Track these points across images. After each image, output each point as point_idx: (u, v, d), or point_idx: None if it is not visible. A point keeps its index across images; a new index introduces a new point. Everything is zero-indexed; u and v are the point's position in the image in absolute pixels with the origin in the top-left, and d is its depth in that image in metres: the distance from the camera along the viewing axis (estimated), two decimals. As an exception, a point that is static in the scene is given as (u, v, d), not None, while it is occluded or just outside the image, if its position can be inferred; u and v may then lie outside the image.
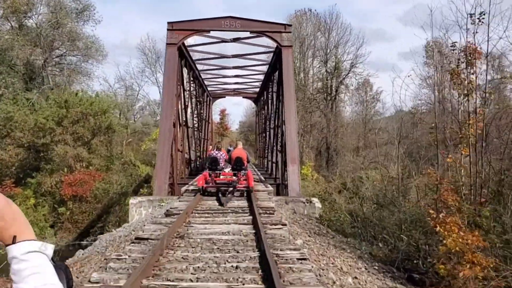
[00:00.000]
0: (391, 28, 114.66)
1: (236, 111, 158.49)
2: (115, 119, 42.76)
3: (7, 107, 36.95)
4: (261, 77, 34.95)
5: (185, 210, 12.14)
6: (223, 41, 24.95)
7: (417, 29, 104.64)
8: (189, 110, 27.46)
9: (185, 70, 26.33)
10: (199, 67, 30.28)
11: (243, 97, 44.97)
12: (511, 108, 16.20)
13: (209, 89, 41.57)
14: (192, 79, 28.77)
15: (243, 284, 6.22)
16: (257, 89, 39.89)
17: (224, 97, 44.68)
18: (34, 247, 1.34)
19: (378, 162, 56.41)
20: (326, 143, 55.38)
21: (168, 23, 19.84)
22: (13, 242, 1.32)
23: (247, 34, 21.25)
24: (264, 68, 31.03)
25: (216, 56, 30.05)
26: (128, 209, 17.12)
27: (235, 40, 24.45)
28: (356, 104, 68.55)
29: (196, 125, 32.06)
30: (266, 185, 18.13)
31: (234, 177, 15.89)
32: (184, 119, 24.66)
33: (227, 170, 16.78)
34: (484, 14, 10.53)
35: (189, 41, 24.09)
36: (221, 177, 16.25)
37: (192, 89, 29.95)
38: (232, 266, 7.09)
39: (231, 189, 15.19)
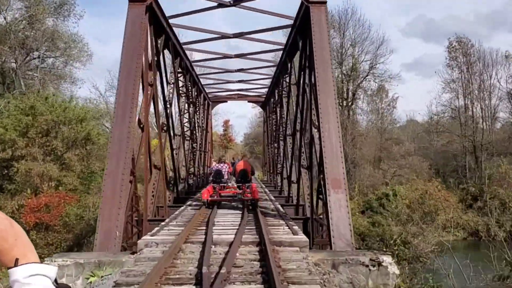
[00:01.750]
0: (394, 39, 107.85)
1: (240, 123, 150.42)
2: (95, 129, 34.93)
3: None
4: (268, 82, 27.96)
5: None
6: (224, 36, 18.95)
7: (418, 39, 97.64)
8: (173, 112, 19.60)
9: (167, 58, 18.60)
10: (197, 70, 23.26)
11: (249, 101, 37.27)
12: None
13: (207, 92, 33.84)
14: (180, 70, 20.98)
15: None
16: (265, 90, 32.14)
17: (226, 101, 37.08)
18: (37, 270, 1.31)
19: (403, 176, 48.69)
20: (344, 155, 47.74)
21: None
22: (16, 265, 1.30)
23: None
24: (271, 71, 24.56)
25: (217, 56, 22.90)
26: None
27: (238, 35, 20.45)
28: (372, 112, 61.02)
29: (188, 134, 24.21)
30: (291, 227, 10.22)
31: (238, 190, 15.17)
32: (164, 121, 16.79)
33: (231, 183, 16.19)
34: None
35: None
36: (226, 190, 15.57)
37: (181, 84, 22.17)
38: None
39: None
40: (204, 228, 10.52)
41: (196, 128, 27.29)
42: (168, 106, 17.45)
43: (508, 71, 57.11)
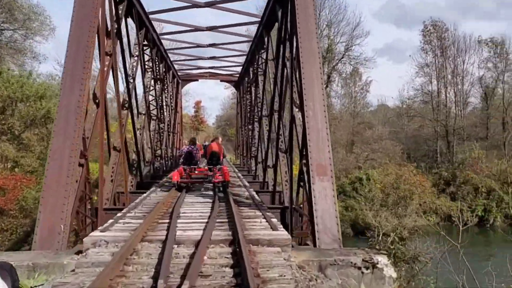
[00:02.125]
0: (367, 23, 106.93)
1: (212, 105, 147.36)
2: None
3: None
4: (242, 60, 26.24)
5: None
6: (195, 5, 18.83)
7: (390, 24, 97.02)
8: (138, 88, 17.73)
9: (132, 29, 16.72)
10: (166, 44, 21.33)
11: (221, 81, 35.41)
12: None
13: (177, 69, 31.87)
14: (146, 42, 19.05)
15: None
16: (239, 69, 30.40)
17: (197, 80, 35.12)
18: None
19: (375, 160, 47.96)
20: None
21: None
22: None
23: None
24: (246, 47, 22.94)
25: (187, 28, 21.10)
26: None
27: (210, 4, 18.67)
28: (345, 95, 60.03)
29: (155, 113, 22.36)
30: (270, 220, 8.72)
31: (209, 172, 15.03)
32: (126, 98, 14.95)
33: (202, 165, 16.06)
34: None
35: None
36: (196, 172, 15.32)
37: (147, 58, 20.27)
38: None
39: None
40: (167, 220, 8.92)
41: (164, 107, 25.42)
42: (131, 81, 15.60)
43: (480, 57, 57.01)
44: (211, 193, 13.75)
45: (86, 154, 10.12)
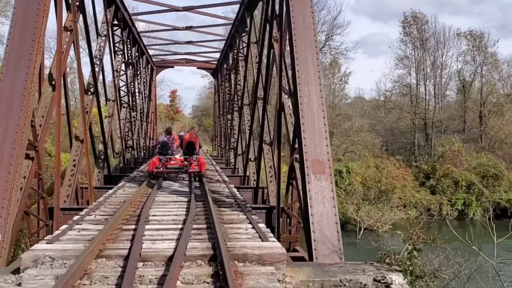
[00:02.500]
0: (344, 16, 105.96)
1: (188, 95, 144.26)
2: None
3: None
4: (221, 45, 24.59)
5: None
6: None
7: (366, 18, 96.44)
8: (107, 73, 15.93)
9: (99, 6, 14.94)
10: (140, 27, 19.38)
11: (198, 68, 33.64)
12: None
13: (151, 55, 29.98)
14: (116, 22, 17.22)
15: None
16: (217, 56, 28.72)
17: (173, 67, 33.31)
18: None
19: (355, 152, 46.96)
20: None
21: None
22: None
23: None
24: (226, 31, 21.28)
25: (163, 8, 19.41)
26: None
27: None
28: (324, 86, 58.81)
29: (126, 100, 20.57)
30: (257, 227, 7.25)
31: (185, 162, 14.76)
32: (91, 81, 13.18)
33: (178, 155, 15.61)
34: None
35: None
36: (172, 162, 15.07)
37: (117, 40, 18.46)
38: None
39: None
40: (133, 227, 7.36)
41: (137, 94, 23.62)
42: (97, 63, 13.85)
43: (459, 50, 56.60)
44: (186, 189, 12.21)
45: (36, 145, 8.43)
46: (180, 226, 7.42)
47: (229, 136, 22.84)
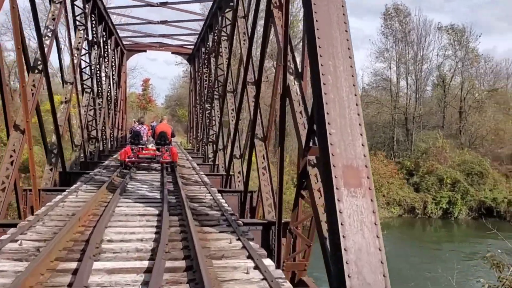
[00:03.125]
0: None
1: (162, 85, 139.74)
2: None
3: None
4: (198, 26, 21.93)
5: None
6: None
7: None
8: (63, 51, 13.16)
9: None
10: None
11: (173, 53, 30.72)
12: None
13: (121, 37, 27.03)
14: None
15: None
16: (194, 39, 25.97)
17: (145, 51, 30.38)
18: None
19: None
20: (275, 123, 42.78)
21: None
22: None
23: None
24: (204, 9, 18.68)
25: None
26: None
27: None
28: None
29: (88, 84, 17.71)
30: (260, 264, 4.82)
31: (157, 152, 14.60)
32: (39, 57, 10.37)
33: (150, 145, 15.40)
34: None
35: None
36: (144, 152, 14.93)
37: (78, 12, 15.59)
38: None
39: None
40: (75, 265, 4.79)
41: (103, 79, 20.74)
42: (49, 35, 11.04)
43: (439, 43, 55.31)
44: (157, 194, 9.62)
45: None
46: (146, 264, 4.89)
47: (207, 128, 20.23)
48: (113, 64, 24.69)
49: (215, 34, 18.74)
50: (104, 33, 20.88)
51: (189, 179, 12.36)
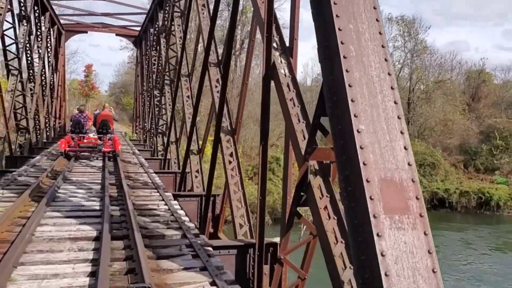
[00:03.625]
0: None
1: (105, 72, 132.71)
2: None
3: None
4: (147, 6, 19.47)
5: None
6: None
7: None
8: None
9: None
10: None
11: (117, 35, 27.90)
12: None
13: (58, 15, 24.01)
14: None
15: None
16: (141, 19, 23.42)
17: (86, 32, 27.39)
18: None
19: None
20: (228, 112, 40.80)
21: None
22: None
23: None
24: None
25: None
26: None
27: None
28: (258, 65, 54.99)
29: (16, 66, 15.00)
30: None
31: (99, 141, 14.16)
32: None
33: (92, 134, 14.97)
34: None
35: None
36: (85, 140, 14.46)
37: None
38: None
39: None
40: None
41: (35, 60, 17.94)
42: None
43: (389, 35, 55.28)
44: (96, 204, 7.43)
45: None
46: None
47: (156, 117, 17.99)
48: (48, 45, 21.78)
49: (166, 11, 16.48)
50: (36, 8, 18.05)
51: (137, 179, 10.23)
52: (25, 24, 15.77)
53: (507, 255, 24.99)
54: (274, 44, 5.64)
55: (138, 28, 25.93)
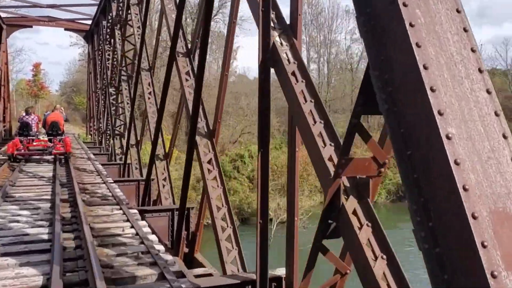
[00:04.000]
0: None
1: (54, 71, 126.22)
2: None
3: None
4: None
5: None
6: None
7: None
8: None
9: None
10: None
11: (66, 29, 25.65)
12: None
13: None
14: None
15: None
16: (93, 11, 21.46)
17: (31, 26, 25.00)
18: None
19: (253, 133, 42.43)
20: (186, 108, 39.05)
21: None
22: None
23: None
24: None
25: None
26: None
27: None
28: (215, 61, 53.40)
29: None
30: None
31: (49, 143, 13.64)
32: None
33: (42, 136, 14.56)
34: None
35: None
36: (34, 143, 13.90)
37: None
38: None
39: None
40: None
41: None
42: None
43: (347, 27, 55.26)
44: (44, 232, 5.87)
45: None
46: None
47: (112, 117, 16.26)
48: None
49: (120, 1, 14.79)
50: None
51: (94, 192, 8.65)
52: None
53: None
54: (273, 23, 4.31)
55: (89, 22, 23.88)
